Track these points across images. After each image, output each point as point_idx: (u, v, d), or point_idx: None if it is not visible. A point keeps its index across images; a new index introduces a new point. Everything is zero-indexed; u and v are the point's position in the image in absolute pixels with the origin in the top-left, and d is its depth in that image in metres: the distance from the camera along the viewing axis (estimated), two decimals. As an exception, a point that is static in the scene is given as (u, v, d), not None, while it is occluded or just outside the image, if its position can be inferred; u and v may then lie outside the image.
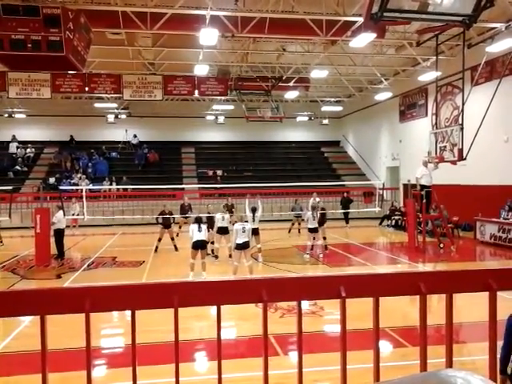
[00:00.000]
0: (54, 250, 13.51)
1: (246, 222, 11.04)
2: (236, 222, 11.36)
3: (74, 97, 26.27)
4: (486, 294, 2.13)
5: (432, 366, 1.71)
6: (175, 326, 2.01)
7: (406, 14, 9.93)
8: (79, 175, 26.32)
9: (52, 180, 25.54)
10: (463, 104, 14.54)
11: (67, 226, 15.83)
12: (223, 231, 13.13)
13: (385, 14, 8.34)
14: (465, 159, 14.19)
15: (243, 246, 10.52)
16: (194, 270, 10.82)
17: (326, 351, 5.66)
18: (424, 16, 9.57)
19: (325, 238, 14.55)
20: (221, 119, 30.25)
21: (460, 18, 9.19)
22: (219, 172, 28.30)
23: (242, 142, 31.42)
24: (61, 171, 26.99)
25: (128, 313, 2.03)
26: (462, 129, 14.12)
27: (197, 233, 10.84)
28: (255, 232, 13.08)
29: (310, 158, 31.87)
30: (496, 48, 15.35)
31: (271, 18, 14.37)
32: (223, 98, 23.84)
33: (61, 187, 20.68)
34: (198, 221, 11.18)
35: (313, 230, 13.72)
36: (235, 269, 10.61)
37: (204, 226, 11.10)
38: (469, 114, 14.89)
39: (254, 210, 13.30)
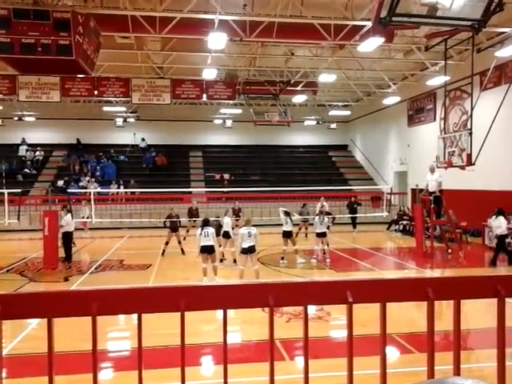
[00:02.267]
0: (62, 252, 13.59)
1: (253, 226, 11.00)
2: (243, 225, 11.35)
3: (83, 100, 26.38)
4: (495, 300, 2.11)
5: (439, 373, 1.69)
6: (181, 329, 2.01)
7: (414, 18, 9.95)
8: (87, 178, 26.46)
9: (60, 183, 25.68)
10: (472, 109, 14.46)
11: (76, 229, 15.89)
12: (226, 235, 13.20)
13: (393, 18, 8.36)
14: (473, 164, 14.11)
15: (249, 251, 10.50)
16: (206, 275, 10.75)
17: (332, 357, 5.64)
18: (433, 20, 9.59)
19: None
20: (228, 123, 30.32)
21: (469, 23, 9.19)
22: (226, 176, 28.31)
23: (250, 146, 31.44)
24: (69, 174, 27.15)
25: (135, 316, 2.03)
26: (470, 134, 14.05)
27: (203, 238, 10.61)
28: (287, 234, 13.32)
29: (317, 163, 31.77)
30: (505, 53, 15.25)
31: (279, 23, 14.38)
32: (231, 101, 23.89)
33: (69, 190, 20.80)
34: (202, 224, 11.04)
35: (320, 235, 13.68)
36: (241, 273, 10.60)
37: (210, 230, 10.77)
38: (477, 119, 14.80)
39: (287, 214, 13.37)
